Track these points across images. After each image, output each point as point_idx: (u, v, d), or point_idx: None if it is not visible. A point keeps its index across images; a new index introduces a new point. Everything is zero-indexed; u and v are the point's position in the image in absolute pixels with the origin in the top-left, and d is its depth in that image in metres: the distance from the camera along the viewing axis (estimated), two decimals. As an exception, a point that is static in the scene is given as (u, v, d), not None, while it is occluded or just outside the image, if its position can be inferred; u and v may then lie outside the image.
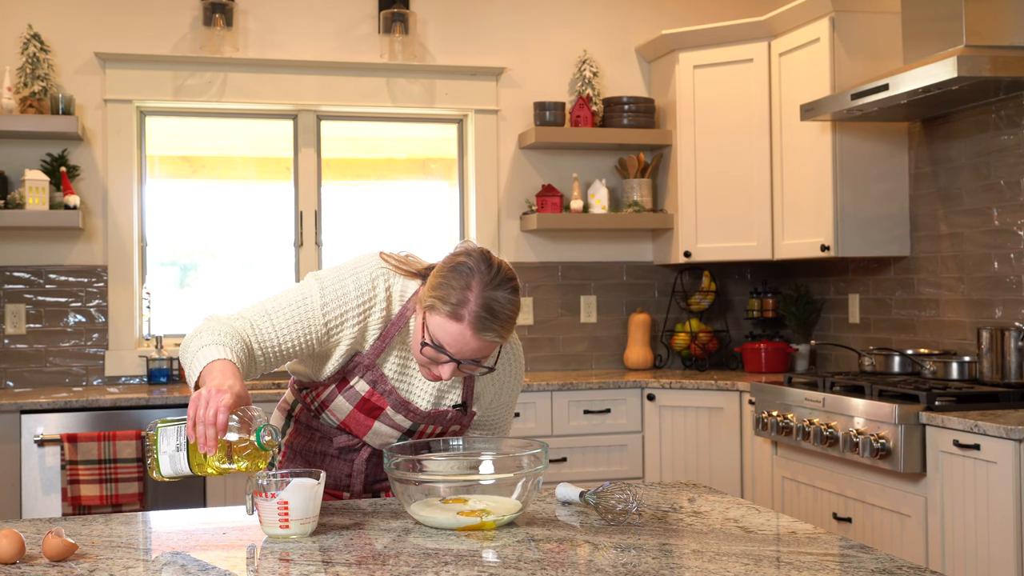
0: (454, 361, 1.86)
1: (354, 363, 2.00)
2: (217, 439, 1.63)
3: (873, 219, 4.12)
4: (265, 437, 1.66)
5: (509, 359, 2.11)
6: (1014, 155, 3.63)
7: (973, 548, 2.93)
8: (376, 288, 1.97)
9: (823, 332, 4.75)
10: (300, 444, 2.15)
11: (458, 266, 1.86)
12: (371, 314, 1.97)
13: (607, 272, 4.94)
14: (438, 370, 1.88)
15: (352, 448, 2.10)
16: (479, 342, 1.84)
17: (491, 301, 1.83)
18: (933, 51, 3.49)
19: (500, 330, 1.85)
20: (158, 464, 1.71)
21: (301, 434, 2.15)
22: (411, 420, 2.04)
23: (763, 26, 4.43)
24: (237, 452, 1.65)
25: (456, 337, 1.83)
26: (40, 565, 1.50)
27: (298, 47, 4.61)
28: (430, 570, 1.45)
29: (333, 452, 2.12)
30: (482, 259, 1.87)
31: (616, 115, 4.73)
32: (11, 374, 4.31)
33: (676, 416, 4.27)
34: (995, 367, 3.45)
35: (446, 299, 1.83)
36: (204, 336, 1.84)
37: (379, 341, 1.99)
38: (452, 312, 1.82)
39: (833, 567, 1.47)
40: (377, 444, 2.09)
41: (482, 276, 1.84)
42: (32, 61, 4.21)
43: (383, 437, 2.07)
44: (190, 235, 4.68)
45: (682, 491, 2.02)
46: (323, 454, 2.13)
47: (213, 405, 1.63)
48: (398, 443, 2.04)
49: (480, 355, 1.87)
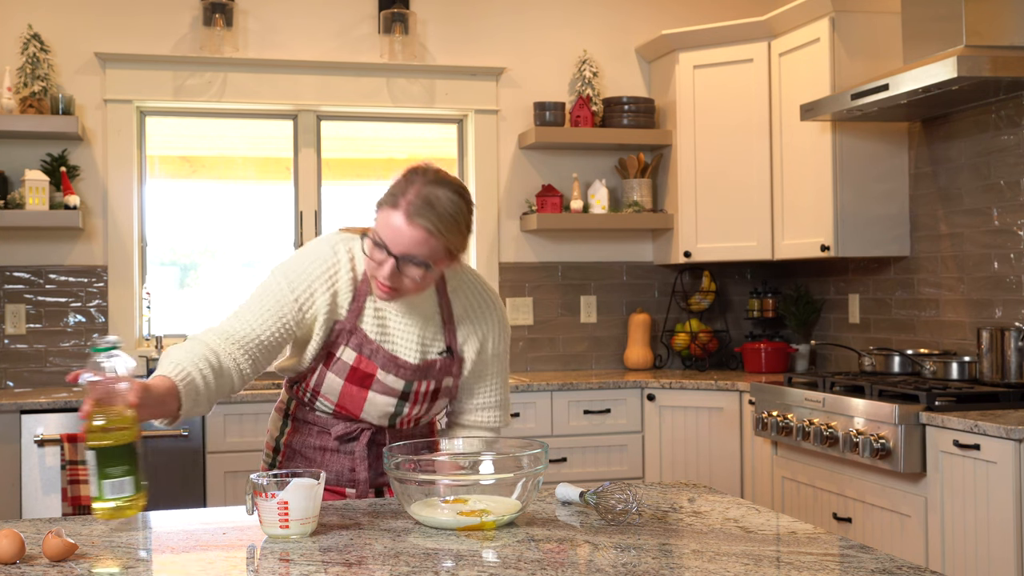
0: (391, 256, 1.90)
1: (336, 332, 2.03)
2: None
3: (873, 219, 4.12)
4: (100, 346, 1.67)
5: (481, 300, 2.14)
6: (1014, 155, 3.63)
7: (973, 548, 2.93)
8: (337, 254, 2.04)
9: (823, 332, 4.75)
10: (299, 442, 2.16)
11: (405, 171, 1.96)
12: (338, 279, 2.02)
13: (607, 272, 4.94)
14: (380, 271, 1.92)
15: (350, 437, 2.11)
16: (413, 230, 1.89)
17: (430, 194, 1.90)
18: (933, 51, 3.49)
19: (436, 222, 1.89)
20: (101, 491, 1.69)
21: (299, 431, 2.16)
22: (403, 378, 2.05)
23: (763, 26, 4.43)
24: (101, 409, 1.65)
25: (394, 226, 1.90)
26: (40, 565, 1.50)
27: (298, 47, 4.61)
28: (430, 570, 1.45)
29: (332, 446, 2.12)
30: (430, 168, 1.96)
31: (616, 115, 4.73)
32: (11, 374, 4.31)
33: (676, 416, 4.27)
34: (995, 367, 3.45)
35: (391, 193, 1.93)
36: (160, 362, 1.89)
37: (354, 304, 2.03)
38: (391, 201, 1.91)
39: (833, 567, 1.47)
40: (376, 418, 2.09)
41: (426, 176, 1.93)
42: (32, 61, 4.21)
43: (380, 408, 2.07)
44: (190, 235, 4.68)
45: (682, 491, 2.02)
46: (322, 450, 2.13)
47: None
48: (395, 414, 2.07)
49: (416, 249, 1.90)
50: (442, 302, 2.10)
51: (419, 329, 2.07)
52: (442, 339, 2.09)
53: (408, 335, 2.06)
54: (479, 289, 2.15)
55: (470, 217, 1.97)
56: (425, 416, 2.17)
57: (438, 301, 2.10)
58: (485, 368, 2.18)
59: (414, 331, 2.07)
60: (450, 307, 2.11)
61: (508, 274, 4.81)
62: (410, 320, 2.07)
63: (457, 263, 2.02)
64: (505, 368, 2.23)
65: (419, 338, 2.07)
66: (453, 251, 1.96)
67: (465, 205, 1.95)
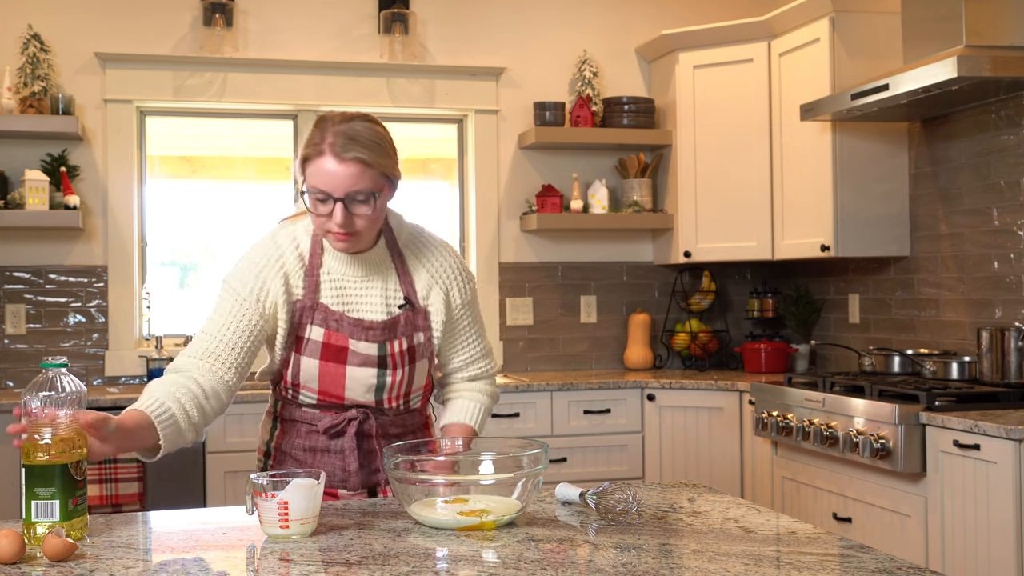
0: (336, 200, 1.94)
1: (298, 312, 2.05)
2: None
3: (873, 219, 4.12)
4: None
5: (434, 250, 2.16)
6: (1014, 155, 3.63)
7: (973, 548, 2.93)
8: (278, 241, 2.09)
9: (823, 332, 4.75)
10: (288, 444, 2.16)
11: (315, 123, 2.00)
12: (284, 262, 2.06)
13: (607, 272, 4.94)
14: (332, 220, 1.95)
15: (338, 430, 2.10)
16: (347, 166, 1.93)
17: (348, 130, 1.95)
18: (933, 51, 3.49)
19: (364, 152, 1.94)
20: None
21: (288, 433, 2.16)
22: (374, 340, 2.05)
23: (763, 26, 4.43)
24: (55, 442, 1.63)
25: (326, 171, 1.93)
26: (40, 565, 1.50)
27: (298, 47, 4.61)
28: (430, 570, 1.45)
29: (322, 446, 2.12)
30: (334, 112, 2.01)
31: (616, 115, 4.73)
32: (11, 374, 4.31)
33: (676, 416, 4.27)
34: (995, 367, 3.45)
35: (309, 145, 1.96)
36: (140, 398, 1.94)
37: (308, 279, 2.06)
38: (315, 151, 1.94)
39: (833, 567, 1.47)
40: (361, 395, 2.08)
41: (335, 118, 1.98)
42: (32, 61, 4.21)
43: (362, 382, 2.07)
44: (190, 235, 4.68)
45: (682, 491, 2.02)
46: (312, 451, 2.13)
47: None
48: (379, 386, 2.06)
49: (356, 185, 1.94)
50: (394, 256, 2.13)
51: (379, 288, 2.09)
52: (401, 293, 2.11)
53: (369, 296, 2.08)
54: (429, 240, 2.19)
55: (391, 139, 2.03)
56: (410, 385, 2.14)
57: (391, 257, 2.12)
58: (459, 321, 2.19)
59: (374, 291, 2.09)
60: (403, 260, 2.13)
61: (508, 274, 4.81)
62: (367, 282, 2.09)
63: (393, 192, 2.06)
64: (479, 316, 2.25)
65: (381, 296, 2.09)
66: (390, 175, 2.02)
67: (382, 129, 2.01)
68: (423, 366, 2.16)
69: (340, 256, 2.08)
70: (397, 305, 2.10)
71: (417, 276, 2.13)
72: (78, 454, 1.65)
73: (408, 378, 2.13)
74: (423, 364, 2.15)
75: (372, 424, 2.11)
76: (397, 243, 2.14)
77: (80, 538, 1.65)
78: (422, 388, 2.20)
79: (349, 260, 2.09)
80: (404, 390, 2.14)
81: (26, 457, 1.63)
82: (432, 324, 2.14)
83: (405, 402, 2.17)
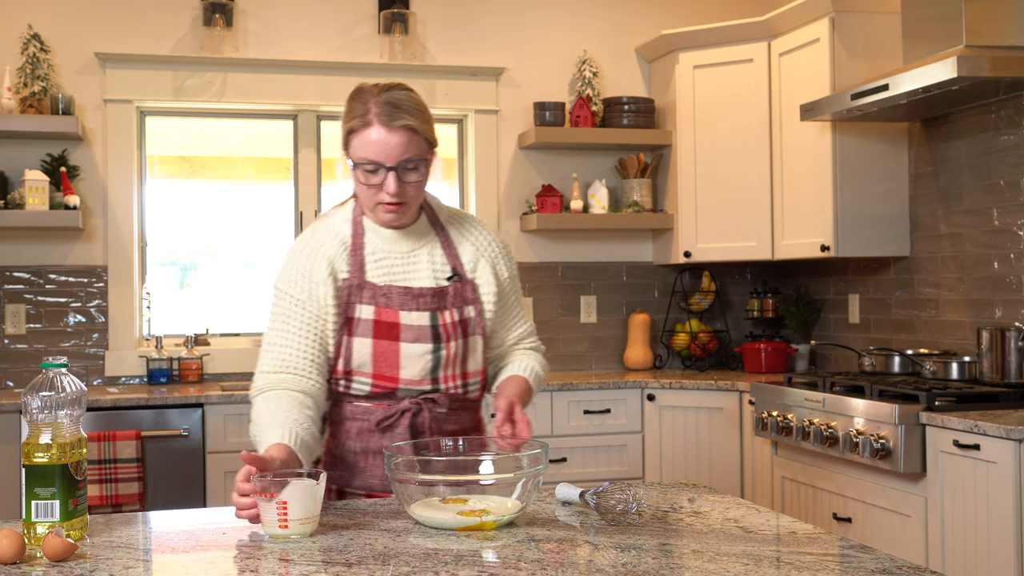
0: (388, 169, 1.96)
1: (347, 291, 2.04)
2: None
3: (873, 219, 4.12)
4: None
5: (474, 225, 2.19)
6: (1014, 155, 3.63)
7: (973, 548, 2.93)
8: (316, 235, 2.10)
9: (823, 332, 4.75)
10: (339, 447, 2.10)
11: (352, 96, 2.01)
12: (327, 251, 2.07)
13: (607, 272, 4.94)
14: (384, 190, 1.97)
15: (391, 423, 2.05)
16: (396, 135, 1.95)
17: (390, 99, 1.96)
18: (933, 51, 3.49)
19: (411, 119, 1.96)
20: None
21: (338, 436, 2.10)
22: (425, 309, 2.04)
23: (763, 26, 4.43)
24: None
25: (375, 141, 1.95)
26: (40, 565, 1.50)
27: (298, 47, 4.61)
28: (430, 570, 1.45)
29: (374, 447, 2.06)
30: (369, 84, 2.02)
31: (616, 115, 4.73)
32: (11, 374, 4.31)
33: (676, 416, 4.27)
34: (995, 367, 3.45)
35: (353, 118, 1.97)
36: (261, 428, 1.94)
37: (353, 259, 2.06)
38: (361, 123, 1.96)
39: (833, 567, 1.47)
40: (417, 376, 2.04)
41: (372, 89, 1.99)
42: (32, 61, 4.21)
43: (417, 361, 2.03)
44: (190, 235, 4.68)
45: (682, 491, 2.02)
46: (364, 453, 2.07)
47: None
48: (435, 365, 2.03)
49: (406, 153, 1.96)
50: (438, 231, 2.14)
51: (425, 260, 2.09)
52: (448, 265, 2.11)
53: (416, 267, 2.08)
54: (469, 217, 2.22)
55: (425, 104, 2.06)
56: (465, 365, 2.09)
57: (435, 231, 2.13)
58: (507, 297, 2.19)
59: (421, 263, 2.09)
60: (447, 234, 2.14)
61: (508, 274, 4.81)
62: (413, 256, 2.09)
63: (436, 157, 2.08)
64: (521, 297, 2.26)
65: (429, 267, 2.09)
66: (431, 141, 2.03)
67: (418, 96, 2.04)
68: (476, 344, 2.11)
69: (384, 233, 2.08)
70: (445, 277, 2.10)
71: (462, 249, 2.14)
72: (78, 454, 1.65)
73: (463, 353, 2.09)
74: (476, 341, 2.11)
75: (426, 418, 2.05)
76: (439, 218, 2.15)
77: (80, 538, 1.65)
78: (479, 375, 2.14)
79: (393, 236, 2.08)
80: (460, 369, 2.09)
81: (26, 457, 1.63)
82: (481, 297, 2.13)
83: (463, 385, 2.11)
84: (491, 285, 2.13)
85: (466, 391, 2.12)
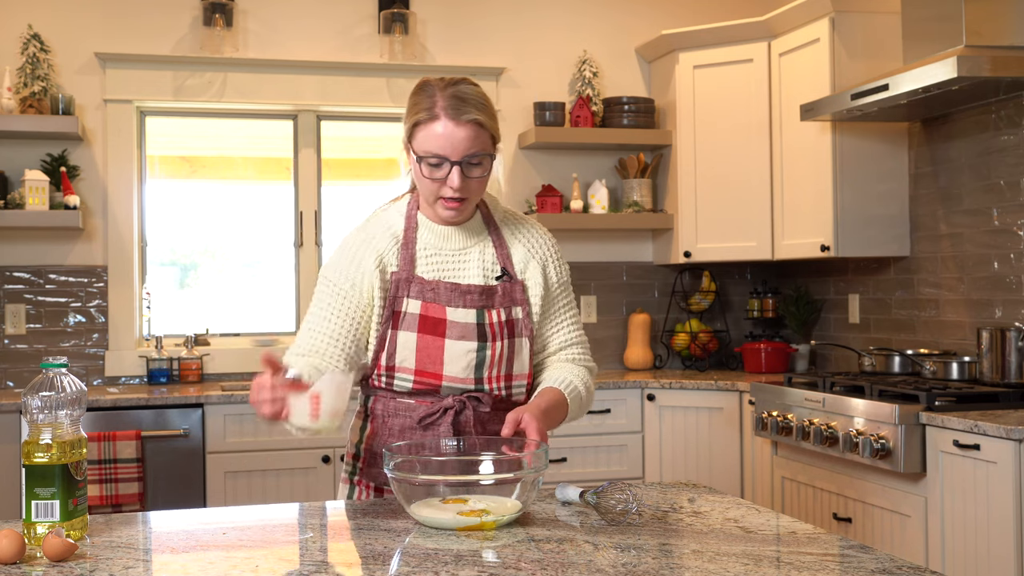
0: (453, 163, 1.95)
1: (395, 284, 2.03)
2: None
3: (873, 219, 4.12)
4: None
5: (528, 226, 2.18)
6: (1014, 155, 3.63)
7: (973, 548, 2.93)
8: (369, 228, 2.10)
9: (823, 332, 4.75)
10: (379, 444, 2.07)
11: (417, 89, 2.00)
12: (378, 244, 2.06)
13: (607, 272, 4.94)
14: (447, 185, 1.97)
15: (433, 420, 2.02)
16: (463, 129, 1.94)
17: (457, 92, 1.96)
18: (933, 51, 3.49)
19: (477, 113, 1.95)
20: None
21: (379, 433, 2.08)
22: (472, 307, 2.03)
23: (763, 26, 4.43)
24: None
25: (442, 134, 1.94)
26: (40, 565, 1.51)
27: (298, 47, 4.61)
28: (430, 570, 1.45)
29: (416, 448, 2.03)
30: (433, 77, 2.02)
31: (616, 115, 4.73)
32: (11, 374, 4.31)
33: (676, 416, 4.27)
34: (995, 367, 3.45)
35: (419, 111, 1.96)
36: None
37: (404, 253, 2.05)
38: (429, 115, 1.95)
39: (833, 567, 1.47)
40: (460, 373, 2.02)
41: (438, 83, 1.99)
42: (32, 61, 4.21)
43: (460, 358, 2.01)
44: (190, 235, 4.68)
45: (682, 491, 2.02)
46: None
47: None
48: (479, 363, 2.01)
49: (472, 147, 1.95)
50: (491, 229, 2.13)
51: (476, 258, 2.09)
52: (498, 265, 2.10)
53: (467, 265, 2.08)
54: (524, 218, 2.21)
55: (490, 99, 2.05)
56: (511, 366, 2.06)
57: (488, 229, 2.13)
58: (557, 300, 2.17)
59: (472, 261, 2.08)
60: (500, 233, 2.13)
61: (508, 274, 4.81)
62: (465, 254, 2.09)
63: (499, 153, 2.07)
64: (574, 303, 2.22)
65: (479, 265, 2.08)
66: (495, 136, 2.03)
67: (483, 91, 2.02)
68: (522, 346, 2.08)
69: (436, 230, 2.08)
70: (494, 276, 2.09)
71: (514, 249, 2.13)
72: (78, 454, 1.65)
73: (508, 354, 2.06)
74: (522, 343, 2.08)
75: (469, 416, 2.02)
76: (493, 217, 2.15)
77: (80, 538, 1.65)
78: (524, 379, 2.09)
79: (446, 233, 2.08)
80: (505, 370, 2.05)
81: (26, 457, 1.63)
82: (530, 298, 2.12)
83: (507, 387, 2.07)
84: (539, 287, 2.12)
85: (510, 393, 2.09)
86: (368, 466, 2.10)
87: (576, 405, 2.09)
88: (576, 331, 2.20)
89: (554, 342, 2.17)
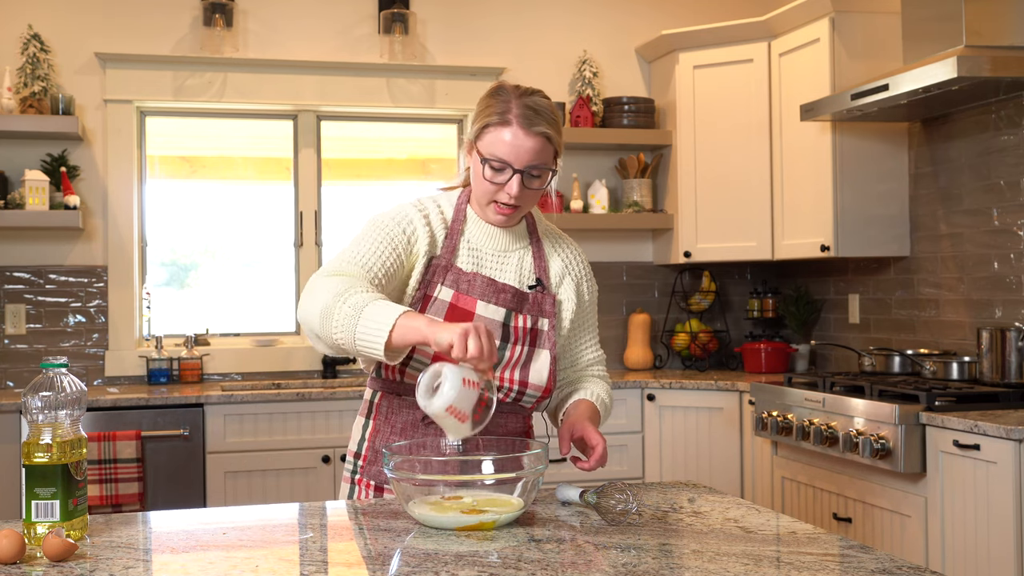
0: (516, 171, 1.97)
1: (432, 269, 2.05)
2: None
3: (873, 219, 4.12)
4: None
5: (569, 244, 2.21)
6: (1014, 155, 3.63)
7: (973, 548, 2.93)
8: (424, 205, 2.10)
9: (823, 332, 4.75)
10: (382, 442, 2.07)
11: (492, 92, 2.02)
12: (431, 220, 2.07)
13: (607, 272, 4.94)
14: (505, 190, 1.99)
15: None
16: (531, 139, 1.96)
17: (530, 103, 1.98)
18: (933, 51, 3.50)
19: (547, 126, 1.98)
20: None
21: (382, 431, 2.08)
22: (503, 306, 2.04)
23: (763, 26, 4.44)
24: None
25: (510, 141, 1.96)
26: (40, 565, 1.51)
27: (298, 47, 4.61)
28: (430, 570, 1.45)
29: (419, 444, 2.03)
30: (508, 83, 2.04)
31: (616, 115, 4.73)
32: (11, 374, 4.31)
33: (676, 416, 4.27)
34: (995, 367, 3.45)
35: (491, 114, 1.98)
36: (351, 297, 1.84)
37: (448, 241, 2.07)
38: (500, 120, 1.97)
39: (833, 567, 1.47)
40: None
41: (515, 90, 2.01)
42: (32, 61, 4.21)
43: None
44: (190, 235, 4.68)
45: (682, 491, 2.02)
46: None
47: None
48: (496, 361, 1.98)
49: (536, 159, 1.98)
50: (533, 240, 2.15)
51: (514, 263, 2.11)
52: (535, 274, 2.12)
53: (504, 267, 2.10)
54: (564, 235, 2.23)
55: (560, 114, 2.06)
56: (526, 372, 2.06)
57: (530, 239, 2.15)
58: (587, 319, 2.21)
59: (510, 264, 2.10)
60: (540, 244, 2.16)
61: (508, 274, 4.81)
62: (504, 257, 2.10)
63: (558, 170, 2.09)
64: (596, 323, 2.27)
65: (516, 270, 2.10)
66: (559, 151, 2.05)
67: (553, 104, 2.04)
68: (542, 358, 2.08)
69: (483, 227, 2.09)
70: (528, 284, 2.11)
71: (552, 262, 2.15)
72: (78, 454, 1.65)
73: (525, 359, 2.06)
74: (543, 355, 2.08)
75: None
76: (537, 228, 2.17)
77: (80, 538, 1.65)
78: (539, 390, 2.10)
79: (491, 232, 2.10)
80: (519, 375, 2.06)
81: (26, 457, 1.63)
82: (561, 312, 2.14)
83: (519, 392, 2.07)
84: (572, 303, 2.15)
85: (520, 399, 2.09)
86: (370, 464, 2.10)
87: (605, 414, 2.22)
88: (599, 349, 2.29)
89: (583, 358, 2.24)
